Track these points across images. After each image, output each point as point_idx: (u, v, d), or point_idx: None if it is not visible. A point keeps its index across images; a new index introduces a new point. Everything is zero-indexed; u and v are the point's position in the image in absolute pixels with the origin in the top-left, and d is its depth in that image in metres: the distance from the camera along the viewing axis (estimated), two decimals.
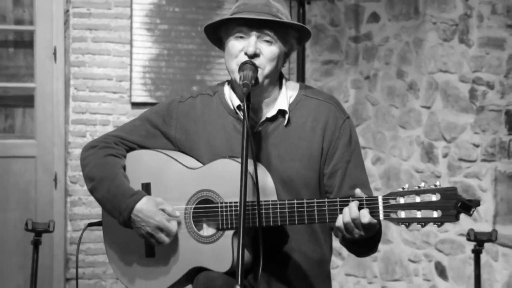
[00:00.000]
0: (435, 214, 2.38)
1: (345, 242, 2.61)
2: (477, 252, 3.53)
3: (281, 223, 2.53)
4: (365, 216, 2.41)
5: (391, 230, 5.37)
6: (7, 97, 5.65)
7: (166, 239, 2.66)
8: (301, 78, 5.06)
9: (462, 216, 2.41)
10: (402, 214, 2.41)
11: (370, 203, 2.43)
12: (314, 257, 2.72)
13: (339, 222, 2.46)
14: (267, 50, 2.61)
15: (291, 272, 2.69)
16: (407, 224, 2.42)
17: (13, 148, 5.50)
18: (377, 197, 2.44)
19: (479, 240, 3.50)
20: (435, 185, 2.39)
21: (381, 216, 2.43)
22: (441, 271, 5.10)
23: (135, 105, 5.56)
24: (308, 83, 5.57)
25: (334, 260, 5.64)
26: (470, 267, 4.87)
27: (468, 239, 3.52)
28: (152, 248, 2.72)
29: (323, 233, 2.75)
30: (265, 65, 2.61)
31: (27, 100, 5.58)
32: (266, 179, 2.58)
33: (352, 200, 2.45)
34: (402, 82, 5.39)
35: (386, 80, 5.50)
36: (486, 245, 3.58)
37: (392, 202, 2.42)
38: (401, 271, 5.36)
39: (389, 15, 5.49)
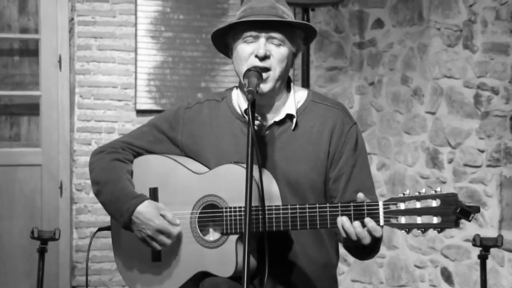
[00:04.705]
0: (435, 220, 2.37)
1: (348, 247, 2.61)
2: (483, 258, 3.52)
3: (283, 228, 2.54)
4: (377, 230, 2.43)
5: (396, 236, 5.36)
6: (13, 106, 5.66)
7: (167, 241, 2.67)
8: (305, 84, 5.06)
9: (467, 221, 2.40)
10: (403, 219, 2.41)
11: (370, 209, 2.44)
12: (319, 261, 2.73)
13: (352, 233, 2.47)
14: (277, 52, 2.64)
15: (296, 276, 2.69)
16: (407, 230, 2.42)
17: (18, 156, 5.52)
18: (377, 202, 2.44)
19: (484, 246, 3.49)
20: (435, 191, 2.39)
21: (381, 222, 2.43)
22: (447, 276, 5.09)
23: (140, 112, 5.57)
24: (312, 90, 5.58)
25: (340, 266, 5.64)
26: (476, 273, 4.86)
27: (474, 245, 3.51)
28: (159, 252, 2.74)
29: (329, 237, 2.75)
30: (275, 67, 2.64)
31: (32, 108, 5.59)
32: (271, 185, 2.59)
33: (354, 206, 2.45)
34: (406, 88, 5.39)
35: (391, 86, 5.50)
36: (492, 250, 3.56)
37: (393, 207, 2.42)
38: (407, 277, 5.35)
39: (393, 21, 5.50)
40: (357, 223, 2.44)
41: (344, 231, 2.46)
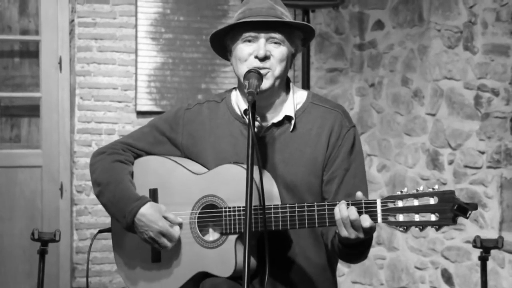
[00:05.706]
0: (433, 217, 2.37)
1: (338, 246, 2.58)
2: (483, 259, 3.52)
3: (282, 228, 2.54)
4: (366, 220, 2.42)
5: (397, 238, 5.36)
6: (13, 107, 5.66)
7: (168, 244, 2.69)
8: (306, 86, 5.06)
9: (468, 223, 2.40)
10: (401, 217, 2.40)
11: (368, 207, 2.43)
12: (319, 263, 2.73)
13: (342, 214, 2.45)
14: (277, 52, 2.64)
15: (296, 277, 2.69)
16: (405, 227, 2.41)
17: (19, 158, 5.51)
18: (375, 200, 2.44)
19: (485, 247, 3.49)
20: (433, 188, 2.39)
21: (379, 220, 2.42)
22: (448, 278, 5.09)
23: (141, 114, 5.57)
24: (313, 91, 5.58)
25: (340, 268, 5.64)
26: (476, 274, 4.86)
27: (474, 246, 3.52)
28: (158, 253, 2.75)
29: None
30: (275, 67, 2.64)
31: (32, 110, 5.59)
32: (271, 186, 2.59)
33: (352, 204, 2.44)
34: (407, 89, 5.39)
35: (391, 88, 5.50)
36: (493, 252, 3.57)
37: (391, 205, 2.41)
38: (407, 278, 5.35)
39: (394, 22, 5.50)
40: (353, 209, 2.42)
41: (340, 218, 2.44)
